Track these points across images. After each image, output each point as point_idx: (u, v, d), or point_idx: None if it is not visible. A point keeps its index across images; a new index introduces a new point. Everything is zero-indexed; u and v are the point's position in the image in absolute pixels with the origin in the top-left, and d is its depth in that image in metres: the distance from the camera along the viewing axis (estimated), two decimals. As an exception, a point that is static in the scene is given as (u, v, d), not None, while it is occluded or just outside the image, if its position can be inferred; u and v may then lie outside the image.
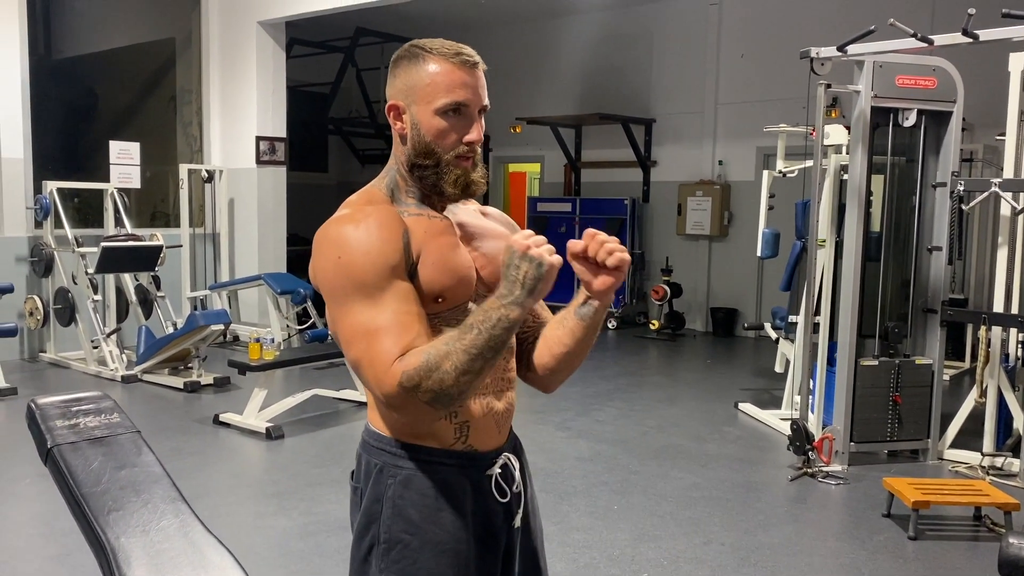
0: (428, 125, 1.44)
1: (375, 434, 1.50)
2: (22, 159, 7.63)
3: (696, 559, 3.56)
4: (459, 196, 1.49)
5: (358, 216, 1.43)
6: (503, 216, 1.70)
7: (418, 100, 1.45)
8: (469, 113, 1.46)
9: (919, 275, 5.00)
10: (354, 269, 1.38)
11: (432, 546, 1.44)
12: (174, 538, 2.07)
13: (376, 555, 1.45)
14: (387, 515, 1.45)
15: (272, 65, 8.80)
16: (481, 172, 1.50)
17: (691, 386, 7.20)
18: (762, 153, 9.16)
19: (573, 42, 10.65)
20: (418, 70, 1.45)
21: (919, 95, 4.76)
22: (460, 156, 1.46)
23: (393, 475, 1.46)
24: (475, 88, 1.45)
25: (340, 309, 1.40)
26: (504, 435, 1.56)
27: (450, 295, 1.45)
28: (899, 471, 4.70)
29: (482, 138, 1.48)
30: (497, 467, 1.52)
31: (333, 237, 1.41)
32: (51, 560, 3.48)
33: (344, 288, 1.38)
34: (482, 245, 1.54)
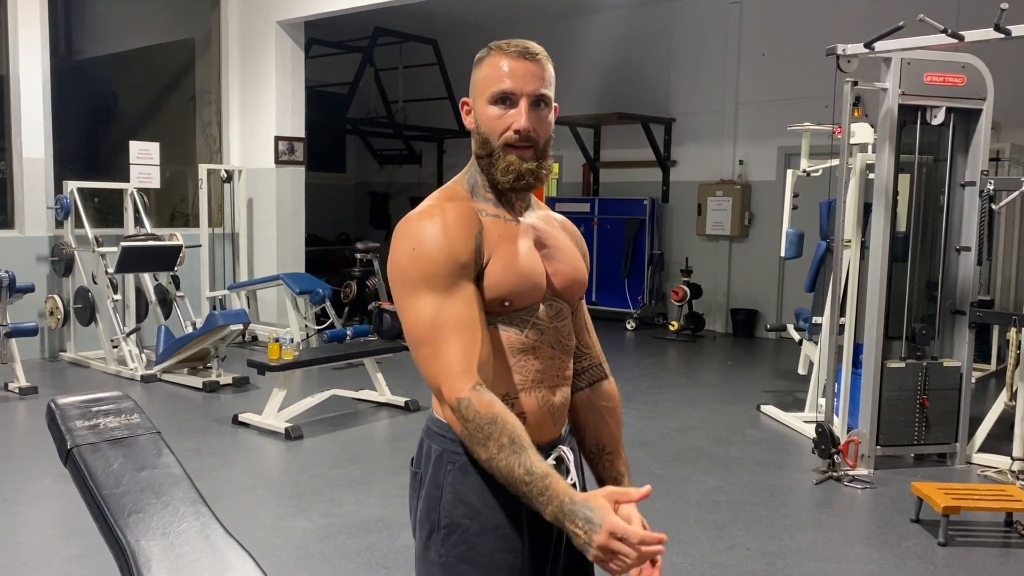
0: (483, 115, 1.51)
1: (437, 421, 1.53)
2: (43, 159, 7.67)
3: (721, 564, 3.50)
4: (511, 185, 1.51)
5: (436, 211, 1.48)
6: (576, 232, 1.73)
7: (478, 94, 1.52)
8: (516, 101, 1.48)
9: (947, 276, 4.91)
10: (426, 262, 1.43)
11: (491, 531, 1.47)
12: (194, 541, 2.04)
13: (436, 539, 1.49)
14: (447, 500, 1.49)
15: (291, 65, 8.80)
16: (538, 164, 1.52)
17: (712, 388, 7.13)
18: (783, 152, 9.07)
19: (592, 41, 10.59)
20: (481, 67, 1.52)
21: (948, 92, 4.68)
22: (510, 145, 1.49)
23: (452, 461, 1.49)
24: (524, 76, 1.48)
25: (408, 299, 1.45)
26: (559, 428, 1.60)
27: (517, 299, 1.50)
28: (927, 475, 4.62)
29: (530, 125, 1.48)
30: (552, 458, 1.55)
31: (411, 229, 1.47)
32: (71, 561, 3.47)
33: (414, 279, 1.44)
34: (552, 254, 1.59)
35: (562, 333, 1.59)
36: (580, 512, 1.28)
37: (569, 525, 1.29)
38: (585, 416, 1.71)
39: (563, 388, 1.59)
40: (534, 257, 1.54)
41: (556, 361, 1.56)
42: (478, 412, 1.36)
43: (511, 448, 1.34)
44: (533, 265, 1.53)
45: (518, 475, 1.33)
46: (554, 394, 1.56)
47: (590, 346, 1.74)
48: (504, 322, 1.50)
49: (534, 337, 1.53)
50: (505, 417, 1.36)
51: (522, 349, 1.51)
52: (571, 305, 1.64)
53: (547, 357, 1.54)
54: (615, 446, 1.73)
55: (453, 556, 1.47)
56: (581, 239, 1.73)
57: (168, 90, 10.00)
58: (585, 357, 1.72)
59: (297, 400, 5.60)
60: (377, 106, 12.19)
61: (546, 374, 1.54)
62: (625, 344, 9.07)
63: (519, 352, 1.51)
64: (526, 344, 1.52)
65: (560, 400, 1.57)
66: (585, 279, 1.66)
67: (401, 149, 12.59)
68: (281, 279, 8.03)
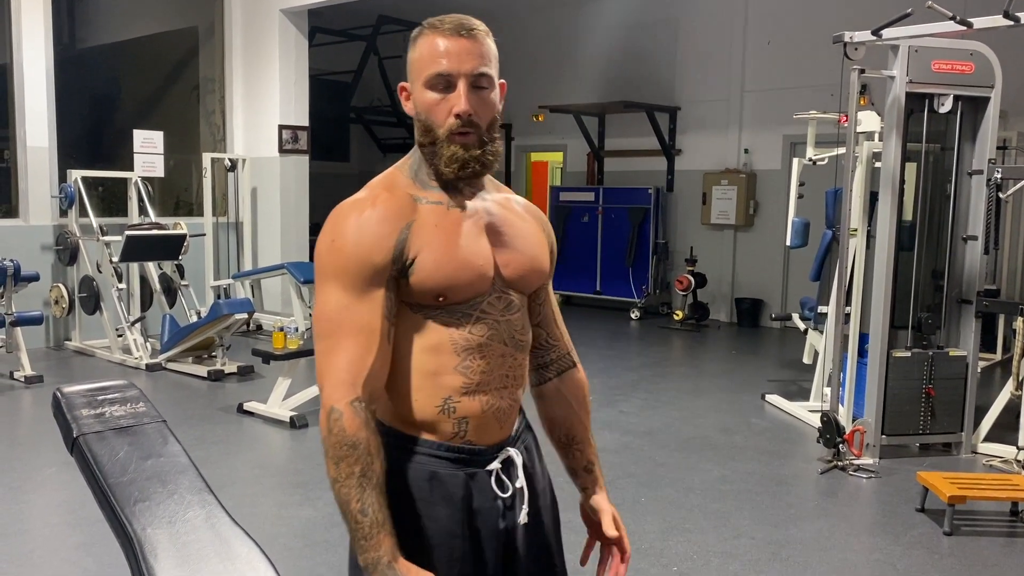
0: (421, 101, 1.41)
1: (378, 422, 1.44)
2: (47, 148, 7.66)
3: (726, 553, 3.51)
4: (456, 175, 1.41)
5: (366, 204, 1.40)
6: (540, 214, 1.62)
7: (414, 78, 1.42)
8: (454, 83, 1.38)
9: (953, 265, 4.89)
10: (341, 257, 1.37)
11: (428, 540, 1.40)
12: (200, 529, 2.04)
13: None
14: None
15: (295, 54, 8.78)
16: (483, 151, 1.41)
17: (717, 377, 7.12)
18: (788, 141, 9.03)
19: (597, 29, 10.54)
20: (415, 48, 1.42)
21: (956, 80, 4.64)
22: (454, 132, 1.39)
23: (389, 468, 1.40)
24: (460, 55, 1.37)
25: (320, 288, 1.40)
26: (507, 430, 1.50)
27: (453, 292, 1.39)
28: (932, 465, 4.61)
29: (470, 109, 1.38)
30: (497, 462, 1.46)
31: (337, 220, 1.41)
32: (76, 549, 3.48)
33: (327, 270, 1.39)
34: (505, 241, 1.48)
35: (515, 327, 1.47)
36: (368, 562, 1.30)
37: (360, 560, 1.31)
38: (554, 407, 1.66)
39: (512, 390, 1.48)
40: (479, 245, 1.43)
41: (507, 359, 1.45)
42: (344, 429, 1.31)
43: (359, 480, 1.30)
44: (475, 254, 1.42)
45: (353, 509, 1.30)
46: (502, 397, 1.45)
47: (558, 337, 1.66)
48: (444, 316, 1.40)
49: (481, 333, 1.42)
50: (368, 447, 1.31)
51: (467, 347, 1.40)
52: (524, 296, 1.53)
53: (496, 355, 1.44)
54: (584, 435, 1.69)
55: None
56: (546, 223, 1.61)
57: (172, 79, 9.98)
58: (553, 348, 1.65)
59: (302, 389, 5.60)
60: (381, 95, 12.15)
61: (493, 375, 1.44)
62: (629, 333, 9.06)
63: (463, 351, 1.40)
64: (471, 342, 1.41)
65: (508, 403, 1.47)
66: (544, 268, 1.55)
67: (405, 138, 12.54)
68: (285, 268, 8.03)
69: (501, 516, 1.47)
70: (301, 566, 3.29)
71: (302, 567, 3.28)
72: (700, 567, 3.37)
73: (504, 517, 1.47)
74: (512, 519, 1.48)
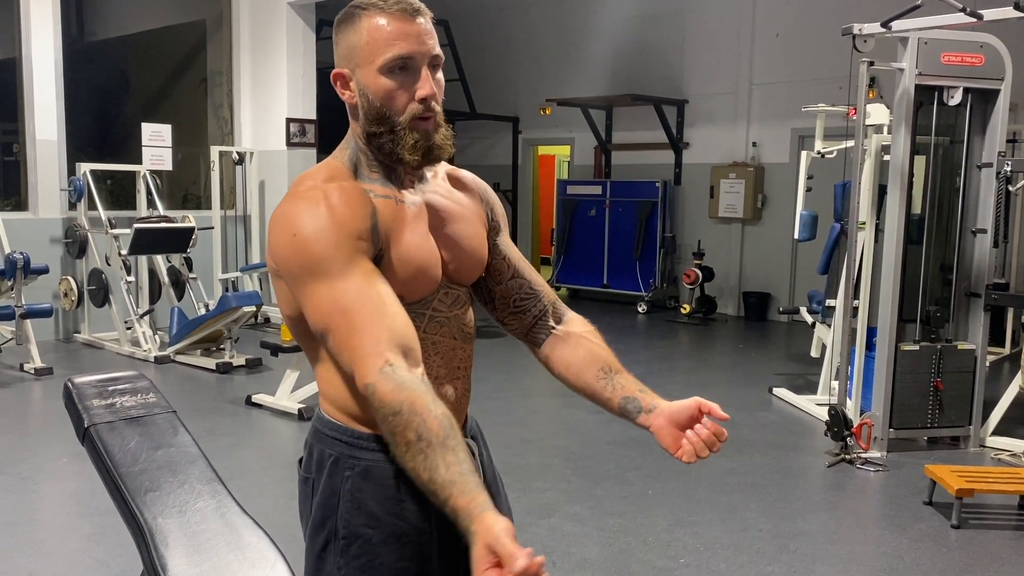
0: (375, 88, 1.32)
1: (329, 422, 1.42)
2: (56, 141, 7.69)
3: (733, 545, 3.51)
4: (421, 163, 1.36)
5: (317, 194, 1.31)
6: (476, 181, 1.56)
7: (361, 62, 1.33)
8: (417, 66, 1.32)
9: (962, 258, 4.87)
10: (310, 247, 1.27)
11: (394, 539, 1.37)
12: (211, 519, 2.05)
13: (334, 551, 1.38)
14: (345, 509, 1.37)
15: (302, 47, 8.78)
16: (444, 134, 1.37)
17: (724, 371, 7.12)
18: (797, 134, 9.00)
19: (604, 21, 10.52)
20: (356, 29, 1.33)
21: (965, 72, 4.62)
22: (416, 117, 1.33)
23: (351, 467, 1.37)
24: (419, 37, 1.31)
25: (302, 291, 1.29)
26: (460, 420, 1.47)
27: (410, 293, 1.36)
28: (940, 458, 4.61)
29: (435, 92, 1.34)
30: None
31: (288, 215, 1.29)
32: (88, 539, 3.50)
33: (300, 269, 1.28)
34: (449, 235, 1.43)
35: (463, 321, 1.46)
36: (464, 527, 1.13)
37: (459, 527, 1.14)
38: (573, 352, 1.56)
39: (464, 380, 1.48)
40: (428, 244, 1.39)
41: (457, 352, 1.44)
42: (382, 401, 1.21)
43: (417, 446, 1.18)
44: (427, 252, 1.38)
45: (424, 480, 1.18)
46: (455, 388, 1.44)
47: (537, 287, 1.57)
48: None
49: (434, 331, 1.40)
50: (413, 407, 1.19)
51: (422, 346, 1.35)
52: (468, 288, 1.50)
53: (448, 349, 1.43)
54: (617, 363, 1.58)
55: (353, 567, 1.36)
56: (486, 190, 1.55)
57: (180, 72, 10.00)
58: (540, 296, 1.57)
59: (310, 381, 5.61)
60: (388, 88, 12.16)
61: (446, 367, 1.42)
62: (636, 327, 9.06)
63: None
64: (425, 341, 1.37)
65: (461, 392, 1.46)
66: (484, 254, 1.49)
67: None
68: (293, 261, 8.04)
69: None
70: (310, 557, 3.31)
71: (311, 558, 3.30)
72: (707, 559, 3.38)
73: None
74: None
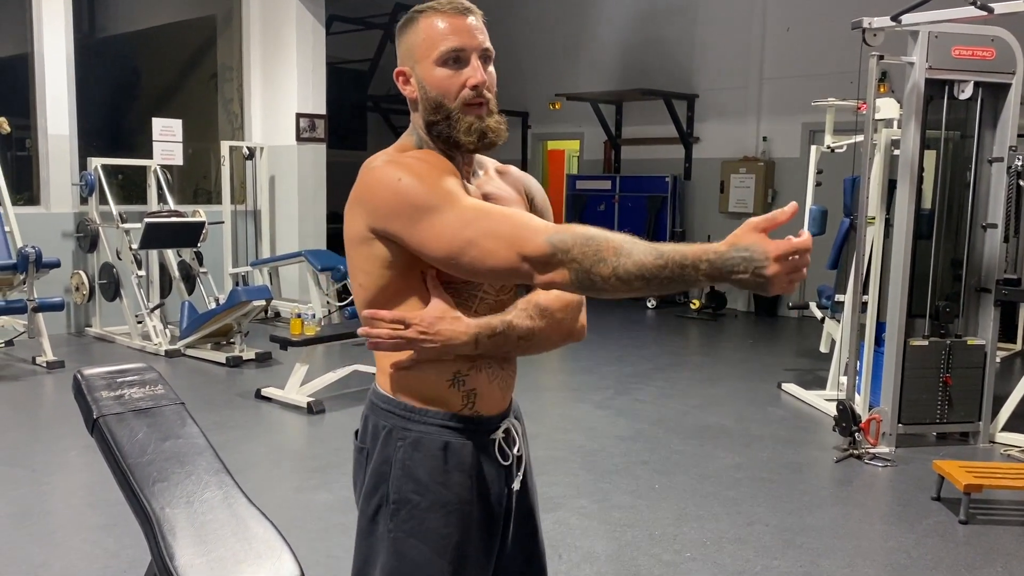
0: (430, 79, 1.45)
1: (384, 396, 1.52)
2: (68, 136, 7.73)
3: (740, 540, 3.51)
4: (476, 145, 1.46)
5: (401, 156, 1.45)
6: (523, 176, 1.67)
7: (419, 59, 1.46)
8: (467, 58, 1.44)
9: (972, 253, 4.85)
10: (423, 183, 1.37)
11: (440, 506, 1.47)
12: (218, 509, 2.07)
13: (384, 515, 1.48)
14: (396, 475, 1.47)
15: (312, 42, 8.80)
16: (497, 119, 1.47)
17: (733, 366, 7.11)
18: (808, 129, 8.97)
19: (614, 15, 10.50)
20: (415, 30, 1.46)
21: (976, 66, 4.60)
22: (468, 103, 1.44)
23: (402, 437, 1.48)
24: (469, 31, 1.44)
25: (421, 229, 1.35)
26: (507, 401, 1.59)
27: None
28: (948, 454, 4.59)
29: (485, 80, 1.45)
30: (501, 431, 1.54)
31: (384, 174, 1.40)
32: (97, 529, 3.54)
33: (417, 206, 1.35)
34: None
35: (505, 305, 1.53)
36: (735, 257, 1.16)
37: (733, 276, 1.17)
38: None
39: (512, 361, 1.57)
40: None
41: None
42: (575, 234, 1.26)
43: (626, 246, 1.23)
44: None
45: (650, 263, 1.20)
46: (503, 369, 1.54)
47: None
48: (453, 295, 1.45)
49: (483, 312, 1.49)
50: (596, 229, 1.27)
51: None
52: None
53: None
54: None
55: (402, 531, 1.46)
56: (531, 182, 1.66)
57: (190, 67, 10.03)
58: None
59: (319, 375, 5.65)
60: (398, 83, 12.16)
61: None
62: (645, 322, 9.05)
63: None
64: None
65: (508, 374, 1.56)
66: None
67: (422, 126, 12.58)
68: (303, 256, 8.08)
69: (503, 483, 1.55)
70: (318, 548, 3.33)
71: (318, 549, 3.32)
72: (714, 553, 3.38)
73: (504, 483, 1.55)
74: (509, 484, 1.56)
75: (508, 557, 1.58)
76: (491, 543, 1.54)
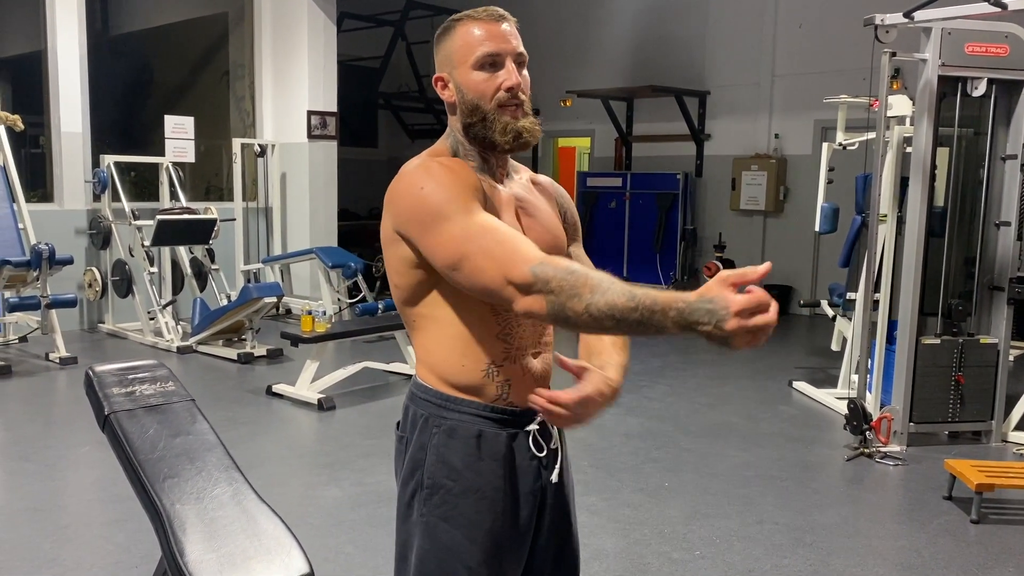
0: (468, 83, 1.50)
1: (423, 387, 1.55)
2: (81, 133, 7.77)
3: (749, 538, 3.50)
4: (511, 145, 1.51)
5: (432, 163, 1.49)
6: (554, 186, 1.73)
7: (457, 64, 1.51)
8: (503, 62, 1.50)
9: (985, 251, 4.82)
10: (440, 193, 1.41)
11: (472, 492, 1.50)
12: (228, 506, 2.08)
13: (419, 499, 1.52)
14: (431, 461, 1.51)
15: (323, 39, 8.81)
16: (532, 120, 1.53)
17: (743, 364, 7.08)
18: (820, 126, 8.92)
19: (624, 12, 10.47)
20: (452, 37, 1.52)
21: (990, 63, 4.56)
22: (503, 105, 1.50)
23: (438, 425, 1.52)
24: (503, 37, 1.50)
25: (433, 236, 1.41)
26: None
27: None
28: (960, 453, 4.57)
29: (520, 82, 1.50)
30: (535, 423, 1.56)
31: (411, 181, 1.46)
32: (109, 525, 3.56)
33: (430, 214, 1.41)
34: (532, 225, 1.57)
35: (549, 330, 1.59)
36: (700, 308, 1.19)
37: (698, 327, 1.19)
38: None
39: (544, 355, 1.59)
40: (514, 224, 1.53)
41: (537, 328, 1.57)
42: (556, 267, 1.30)
43: (604, 285, 1.26)
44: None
45: (622, 305, 1.23)
46: (537, 360, 1.57)
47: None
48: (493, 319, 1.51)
49: (526, 339, 1.54)
50: (579, 266, 1.31)
51: (506, 318, 1.51)
52: None
53: (528, 324, 1.54)
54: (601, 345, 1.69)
55: (434, 515, 1.50)
56: (563, 196, 1.73)
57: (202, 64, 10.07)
58: None
59: (329, 372, 5.67)
60: (409, 80, 12.17)
61: (527, 340, 1.55)
62: (656, 319, 9.02)
63: (504, 321, 1.51)
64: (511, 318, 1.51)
65: (541, 367, 1.58)
66: (563, 245, 1.64)
67: (432, 124, 12.57)
68: (314, 253, 8.10)
69: (537, 475, 1.56)
70: (327, 544, 3.34)
71: (328, 545, 3.33)
72: (723, 552, 3.37)
73: (539, 476, 1.57)
74: (545, 478, 1.58)
75: (540, 550, 1.60)
76: (524, 534, 1.56)
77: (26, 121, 7.08)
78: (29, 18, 7.87)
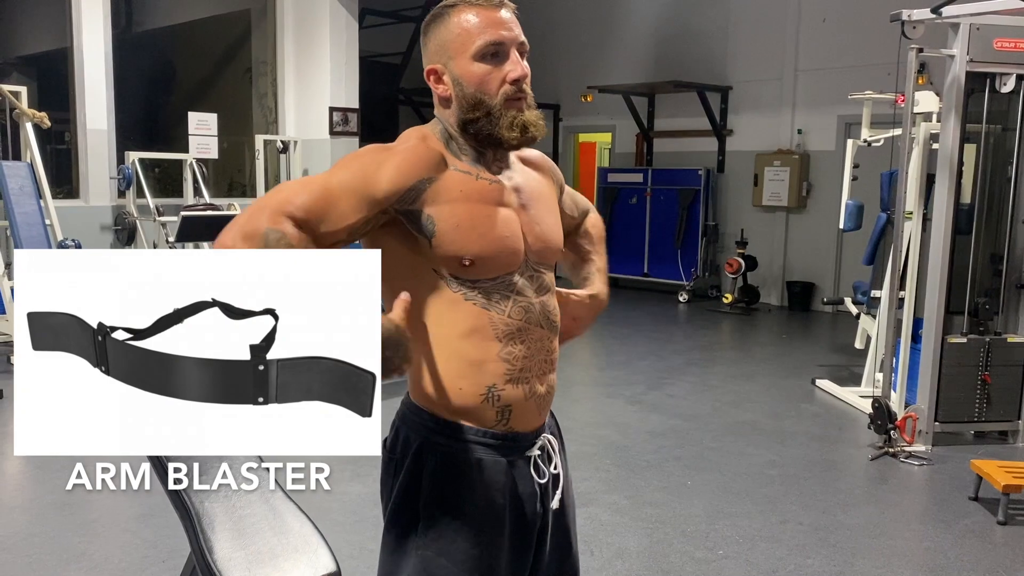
0: (468, 75, 1.39)
1: (414, 407, 1.47)
2: (106, 130, 7.85)
3: (773, 538, 3.49)
4: (519, 140, 1.42)
5: (399, 145, 1.43)
6: (543, 158, 1.62)
7: (454, 54, 1.40)
8: (506, 51, 1.40)
9: (1013, 249, 4.77)
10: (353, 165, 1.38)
11: (470, 526, 1.42)
12: (255, 503, 2.10)
13: (413, 532, 1.43)
14: (427, 493, 1.42)
15: (345, 36, 8.84)
16: (537, 113, 1.43)
17: (766, 361, 7.05)
18: (843, 122, 8.84)
19: (646, 6, 10.42)
20: (447, 26, 1.41)
21: (1019, 59, 4.50)
22: (510, 98, 1.40)
23: (433, 452, 1.43)
24: (505, 24, 1.39)
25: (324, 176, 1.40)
26: (544, 416, 1.52)
27: (481, 263, 1.39)
28: (986, 453, 4.52)
29: (526, 74, 1.41)
30: (536, 448, 1.49)
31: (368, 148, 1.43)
32: (137, 520, 3.60)
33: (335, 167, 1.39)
34: (532, 217, 1.48)
35: (548, 309, 1.48)
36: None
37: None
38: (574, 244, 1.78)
39: (550, 375, 1.49)
40: (508, 219, 1.43)
41: (544, 343, 1.47)
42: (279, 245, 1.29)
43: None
44: (504, 227, 1.42)
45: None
46: (541, 383, 1.47)
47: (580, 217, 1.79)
48: (482, 299, 1.40)
49: (519, 317, 1.42)
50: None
51: (507, 332, 1.41)
52: (552, 273, 1.53)
53: (535, 339, 1.44)
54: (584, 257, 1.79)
55: (430, 549, 1.41)
56: (555, 171, 1.64)
57: (225, 61, 10.13)
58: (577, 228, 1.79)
59: (351, 368, 5.68)
60: (430, 76, 12.18)
61: (533, 360, 1.45)
62: (677, 316, 9.00)
63: (505, 337, 1.41)
64: (511, 326, 1.41)
65: (546, 389, 1.48)
66: (560, 238, 1.56)
67: (454, 119, 12.61)
68: (335, 249, 8.13)
69: (539, 501, 1.49)
70: (352, 540, 3.36)
71: (352, 541, 3.35)
72: (746, 551, 3.36)
73: (540, 502, 1.50)
74: (546, 503, 1.51)
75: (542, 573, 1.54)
76: (523, 562, 1.48)
77: (52, 118, 7.15)
78: (55, 16, 7.95)
